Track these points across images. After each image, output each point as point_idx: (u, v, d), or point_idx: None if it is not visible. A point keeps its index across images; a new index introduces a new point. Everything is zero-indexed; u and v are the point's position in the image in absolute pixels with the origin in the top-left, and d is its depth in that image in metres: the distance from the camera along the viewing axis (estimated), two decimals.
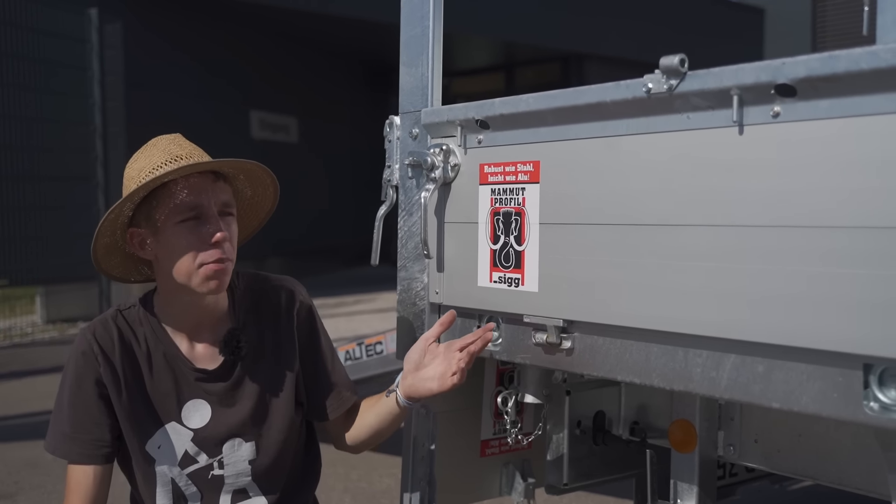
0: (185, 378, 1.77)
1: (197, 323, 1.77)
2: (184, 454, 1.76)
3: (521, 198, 1.57)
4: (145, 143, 1.78)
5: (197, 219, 1.67)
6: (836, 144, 1.15)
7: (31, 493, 3.91)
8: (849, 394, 1.14)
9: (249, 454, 1.78)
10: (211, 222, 1.67)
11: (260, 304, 1.84)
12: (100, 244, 1.75)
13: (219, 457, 1.77)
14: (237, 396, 1.79)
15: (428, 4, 1.76)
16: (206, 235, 1.66)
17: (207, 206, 1.68)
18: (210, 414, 1.77)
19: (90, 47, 8.58)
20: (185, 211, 1.66)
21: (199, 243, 1.66)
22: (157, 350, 1.77)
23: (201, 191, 1.68)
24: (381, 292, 9.46)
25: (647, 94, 1.33)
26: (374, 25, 10.25)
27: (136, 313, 1.79)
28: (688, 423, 1.64)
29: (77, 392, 1.74)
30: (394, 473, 3.84)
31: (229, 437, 1.77)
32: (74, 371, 1.75)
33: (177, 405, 1.76)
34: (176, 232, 1.66)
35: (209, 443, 1.77)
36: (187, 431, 1.76)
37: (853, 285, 1.12)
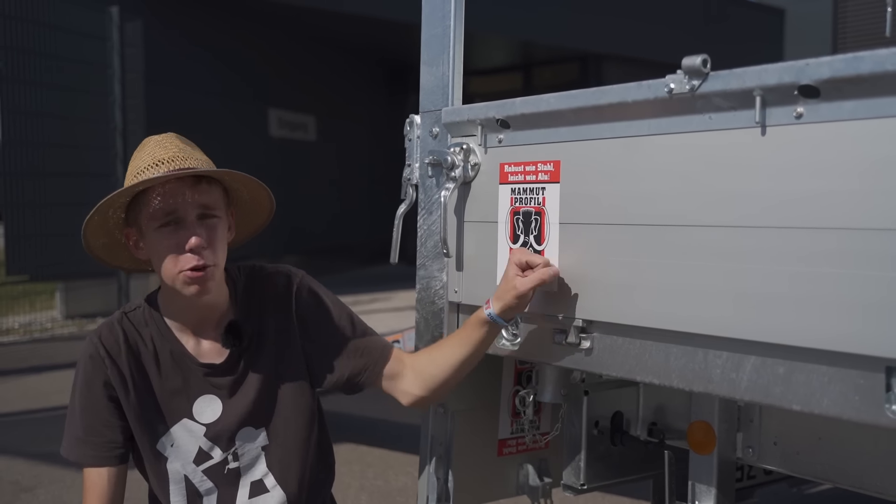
0: (193, 374, 1.78)
1: (200, 319, 1.79)
2: (198, 451, 1.77)
3: (540, 197, 1.57)
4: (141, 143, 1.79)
5: (176, 223, 1.67)
6: (860, 146, 1.14)
7: (50, 486, 3.94)
8: (870, 397, 1.13)
9: (262, 440, 1.80)
10: (187, 228, 1.66)
11: (259, 294, 1.85)
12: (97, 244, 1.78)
13: (232, 449, 1.79)
14: (244, 386, 1.81)
15: (449, 4, 1.77)
16: (183, 240, 1.65)
17: (184, 211, 1.67)
18: (221, 408, 1.79)
19: (111, 45, 8.63)
20: (161, 217, 1.66)
21: (176, 249, 1.66)
22: (164, 349, 1.78)
23: (177, 196, 1.67)
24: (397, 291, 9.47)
25: (668, 94, 1.32)
26: (394, 24, 10.27)
27: (141, 314, 1.81)
28: (707, 424, 1.64)
29: (87, 396, 1.76)
30: (410, 472, 3.85)
31: (241, 427, 1.80)
32: (83, 376, 1.77)
33: (187, 402, 1.78)
34: (156, 237, 1.67)
35: (222, 436, 1.78)
36: (200, 427, 1.78)
37: (876, 287, 1.11)
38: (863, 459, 1.48)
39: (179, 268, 1.66)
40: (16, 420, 5.12)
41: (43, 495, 3.86)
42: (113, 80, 8.65)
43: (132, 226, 1.73)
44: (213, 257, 1.68)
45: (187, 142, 1.78)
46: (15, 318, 8.69)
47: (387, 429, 2.02)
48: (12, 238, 8.27)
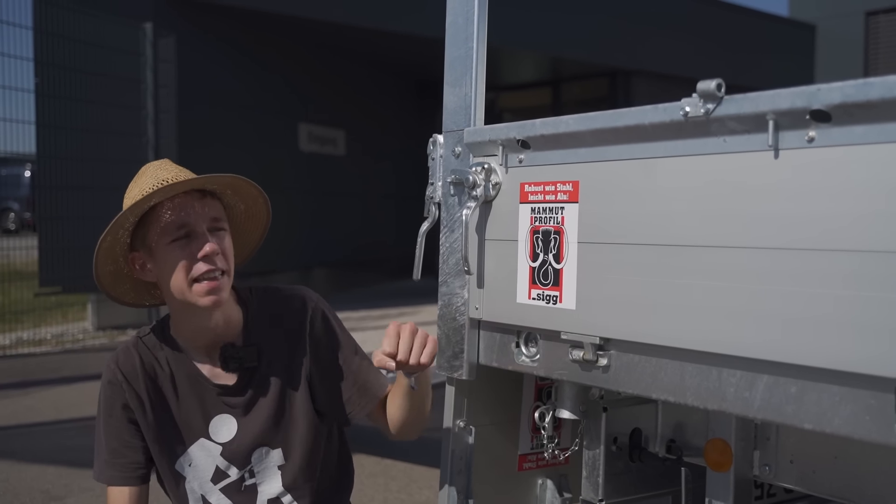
0: (208, 394, 1.83)
1: (212, 340, 1.83)
2: (215, 470, 1.82)
3: (560, 217, 1.59)
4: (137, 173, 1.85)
5: (187, 237, 1.73)
6: (870, 169, 1.16)
7: (80, 495, 4.01)
8: (880, 416, 1.15)
9: (278, 460, 1.84)
10: (199, 238, 1.73)
11: (273, 316, 1.90)
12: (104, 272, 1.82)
13: (248, 467, 1.83)
14: (258, 406, 1.85)
15: (472, 26, 1.80)
16: (195, 251, 1.72)
17: (195, 223, 1.73)
18: (236, 427, 1.83)
19: (144, 60, 8.78)
20: (173, 231, 1.73)
21: (190, 260, 1.72)
22: (180, 371, 1.84)
23: (187, 209, 1.73)
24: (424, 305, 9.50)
25: (684, 117, 1.35)
26: (423, 40, 10.34)
27: (154, 338, 1.86)
28: (724, 442, 1.65)
29: (109, 420, 1.83)
30: (432, 486, 3.87)
31: (256, 447, 1.84)
32: (104, 400, 1.83)
33: (203, 422, 1.83)
34: (168, 251, 1.73)
35: (238, 455, 1.83)
36: (216, 446, 1.83)
37: (886, 309, 1.13)
38: (878, 478, 1.48)
39: (193, 277, 1.72)
40: (47, 430, 5.21)
41: None
42: (146, 94, 8.80)
43: (139, 249, 1.78)
44: (225, 264, 1.75)
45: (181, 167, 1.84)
46: (48, 329, 8.82)
47: (411, 443, 2.05)
48: (46, 250, 8.41)
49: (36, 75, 8.22)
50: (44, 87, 8.25)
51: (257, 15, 10.04)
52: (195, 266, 1.72)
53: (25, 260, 8.60)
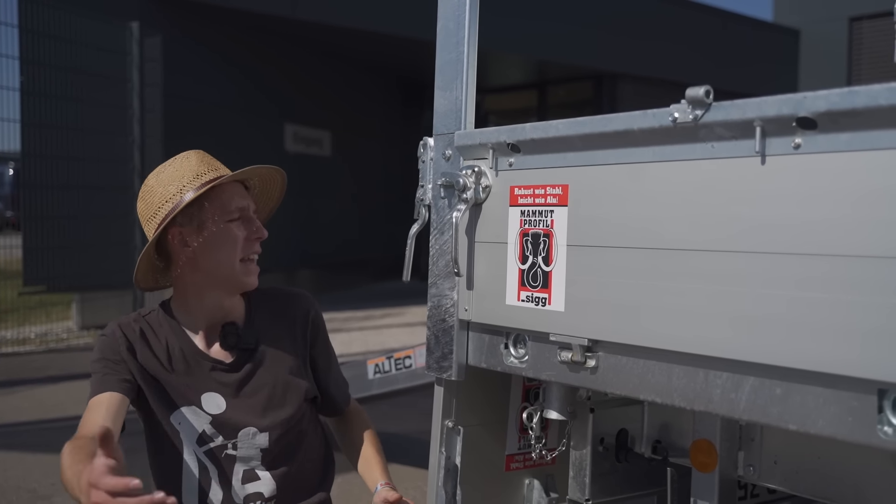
0: (201, 372, 1.93)
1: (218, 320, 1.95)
2: (201, 433, 1.91)
3: (549, 220, 1.61)
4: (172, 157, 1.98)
5: (240, 219, 1.91)
6: (855, 176, 1.18)
7: (66, 494, 3.99)
8: (863, 418, 1.17)
9: (262, 442, 1.93)
10: (254, 223, 1.93)
11: (276, 308, 2.04)
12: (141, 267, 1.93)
13: (234, 441, 1.92)
14: (249, 388, 1.96)
15: (463, 30, 1.82)
16: (251, 234, 1.91)
17: (250, 209, 1.93)
18: (225, 406, 1.93)
19: (130, 60, 8.75)
20: (234, 211, 1.90)
21: (245, 239, 1.90)
22: (176, 346, 1.93)
23: (243, 196, 1.93)
24: (409, 306, 9.50)
25: (672, 123, 1.37)
26: (409, 41, 10.36)
27: (156, 316, 1.97)
28: (709, 442, 1.67)
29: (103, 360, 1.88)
30: (419, 486, 3.88)
31: (243, 427, 1.92)
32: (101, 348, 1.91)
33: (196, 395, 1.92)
34: (225, 229, 1.88)
35: (226, 427, 1.92)
36: (206, 416, 1.91)
37: (869, 313, 1.15)
38: (860, 479, 1.51)
39: (243, 255, 1.90)
40: (32, 429, 5.19)
41: (59, 503, 3.92)
42: (132, 94, 8.77)
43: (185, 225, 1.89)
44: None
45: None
46: (31, 329, 8.78)
47: (398, 442, 2.07)
48: (30, 249, 8.37)
49: (21, 73, 8.18)
50: (29, 86, 8.21)
51: (244, 15, 10.02)
52: (247, 245, 1.91)
53: (8, 259, 8.55)
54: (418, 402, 2.10)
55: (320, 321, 2.09)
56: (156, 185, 1.93)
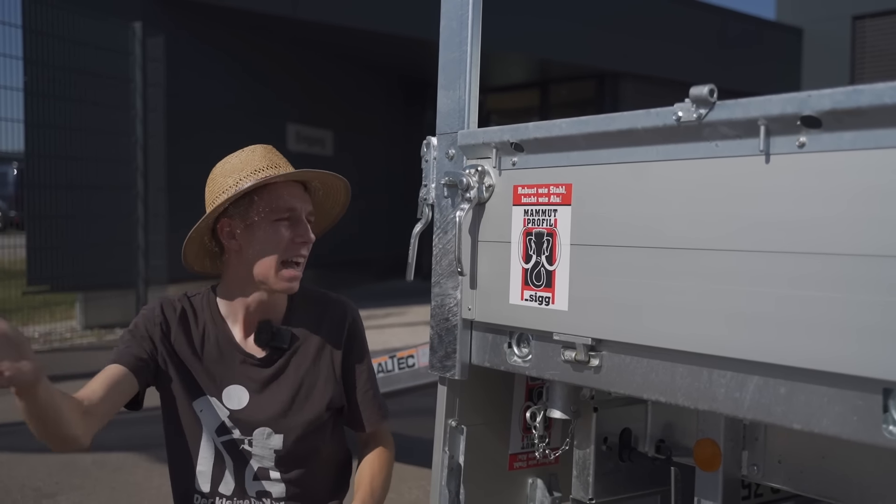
0: (231, 363, 1.93)
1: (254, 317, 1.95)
2: (221, 424, 1.92)
3: (553, 219, 1.61)
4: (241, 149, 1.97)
5: (289, 220, 1.88)
6: (859, 175, 1.18)
7: (71, 493, 4.01)
8: (868, 417, 1.17)
9: (277, 444, 1.91)
10: (303, 226, 1.90)
11: (316, 312, 2.02)
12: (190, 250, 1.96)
13: (249, 438, 1.93)
14: (274, 388, 1.94)
15: (466, 30, 1.82)
16: (296, 236, 1.88)
17: (301, 211, 1.90)
18: (247, 401, 1.93)
19: (133, 60, 8.76)
20: (283, 211, 1.88)
21: (288, 242, 1.87)
22: (212, 334, 1.94)
23: (298, 197, 1.90)
24: (411, 306, 9.51)
25: (676, 122, 1.37)
26: (411, 41, 10.36)
27: (201, 300, 1.98)
28: (712, 442, 1.67)
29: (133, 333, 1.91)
30: (423, 485, 3.88)
31: (261, 426, 1.92)
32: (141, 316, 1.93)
33: (219, 386, 1.93)
34: (270, 229, 1.87)
35: (243, 424, 1.92)
36: (225, 410, 1.92)
37: (874, 312, 1.15)
38: (864, 478, 1.51)
39: (284, 258, 1.88)
40: None
41: (64, 502, 3.93)
42: (135, 94, 8.78)
43: (235, 217, 1.89)
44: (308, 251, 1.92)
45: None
46: (35, 328, 8.79)
47: (400, 442, 2.07)
48: (33, 249, 8.38)
49: (25, 74, 8.19)
50: (32, 86, 8.21)
51: (246, 15, 10.02)
52: (291, 248, 1.88)
53: (12, 258, 8.56)
54: (421, 401, 2.10)
55: (358, 331, 2.07)
56: (219, 174, 1.94)
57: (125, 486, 4.14)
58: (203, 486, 1.93)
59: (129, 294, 8.84)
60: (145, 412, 2.00)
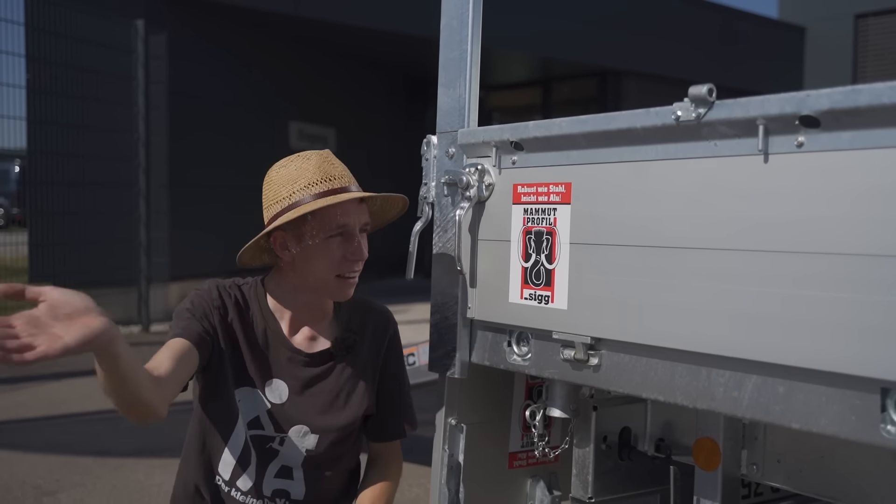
0: (278, 357, 1.94)
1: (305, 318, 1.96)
2: (256, 417, 1.91)
3: (552, 218, 1.62)
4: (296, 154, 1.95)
5: (342, 235, 1.87)
6: (857, 175, 1.18)
7: (72, 490, 4.01)
8: (866, 417, 1.17)
9: (310, 444, 1.92)
10: (356, 242, 1.89)
11: (362, 318, 2.04)
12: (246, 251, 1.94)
13: (283, 435, 1.92)
14: (317, 388, 1.95)
15: (466, 29, 1.82)
16: (349, 253, 1.87)
17: (353, 226, 1.88)
18: (287, 397, 1.93)
19: (136, 57, 8.76)
20: (335, 228, 1.86)
21: (341, 258, 1.87)
22: (260, 326, 1.94)
23: (351, 213, 1.88)
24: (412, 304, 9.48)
25: (675, 121, 1.37)
26: (413, 39, 10.35)
27: (250, 290, 1.97)
28: (712, 441, 1.67)
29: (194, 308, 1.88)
30: (423, 483, 3.89)
31: (298, 423, 1.92)
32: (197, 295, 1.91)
33: (263, 378, 1.92)
34: (323, 246, 1.86)
35: (280, 420, 1.92)
36: (266, 402, 1.92)
37: (872, 311, 1.15)
38: (863, 478, 1.51)
39: (338, 272, 1.87)
40: (37, 425, 5.21)
41: (65, 499, 3.94)
42: (137, 91, 8.78)
43: (289, 230, 1.88)
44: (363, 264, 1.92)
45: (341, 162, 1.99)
46: None
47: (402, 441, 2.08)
48: (35, 246, 8.39)
49: (27, 71, 8.20)
50: (35, 83, 8.22)
51: (249, 12, 10.02)
52: (344, 265, 1.87)
53: (14, 255, 8.56)
54: (421, 399, 2.11)
55: (398, 341, 2.09)
56: (276, 179, 1.92)
57: (126, 484, 4.14)
58: (224, 473, 1.93)
59: (130, 291, 8.86)
60: None
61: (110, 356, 1.43)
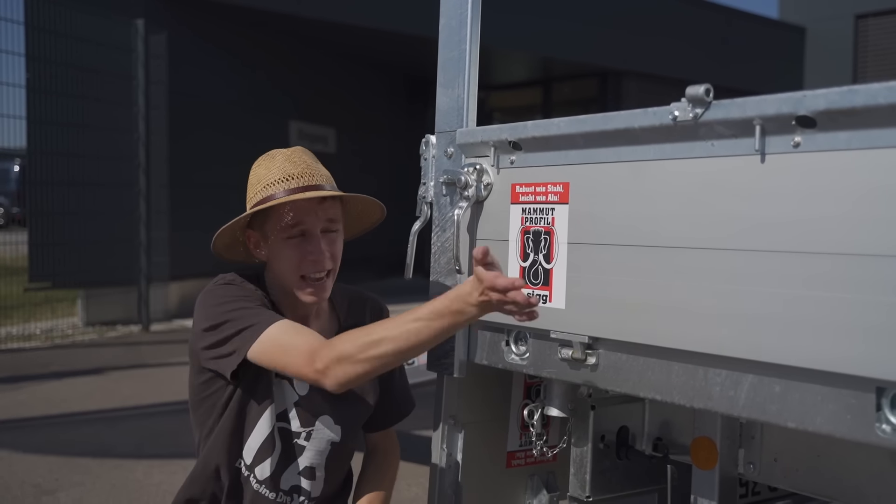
0: None
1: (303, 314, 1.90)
2: (283, 410, 1.89)
3: (550, 217, 1.62)
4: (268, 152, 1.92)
5: (302, 235, 1.82)
6: (853, 175, 1.19)
7: (71, 490, 4.01)
8: (861, 416, 1.18)
9: (335, 436, 1.92)
10: (313, 240, 1.81)
11: (361, 307, 2.02)
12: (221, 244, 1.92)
13: (309, 429, 1.90)
14: None
15: (465, 29, 1.83)
16: (307, 253, 1.81)
17: (311, 225, 1.82)
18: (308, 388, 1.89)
19: (136, 57, 8.76)
20: (289, 228, 1.81)
21: (301, 258, 1.81)
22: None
23: (307, 211, 1.81)
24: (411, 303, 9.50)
25: (673, 121, 1.38)
26: (413, 39, 10.34)
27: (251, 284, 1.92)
28: (709, 440, 1.68)
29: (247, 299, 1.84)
30: (422, 483, 3.89)
31: (325, 413, 1.90)
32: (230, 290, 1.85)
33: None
34: (282, 246, 1.82)
35: (307, 413, 1.89)
36: (294, 394, 1.89)
37: (867, 311, 1.16)
38: (860, 476, 1.52)
39: (301, 273, 1.82)
40: (37, 424, 5.21)
41: (64, 498, 3.94)
42: (137, 91, 8.78)
43: (256, 230, 1.87)
44: (331, 264, 1.84)
45: (312, 155, 1.92)
46: (37, 325, 8.80)
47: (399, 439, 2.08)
48: (35, 245, 8.38)
49: (27, 70, 8.19)
50: (35, 83, 8.21)
51: (249, 12, 10.02)
52: (304, 265, 1.81)
53: (14, 255, 8.57)
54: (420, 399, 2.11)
55: None
56: (252, 178, 1.90)
57: (125, 483, 4.14)
58: (248, 458, 1.90)
59: (130, 291, 8.85)
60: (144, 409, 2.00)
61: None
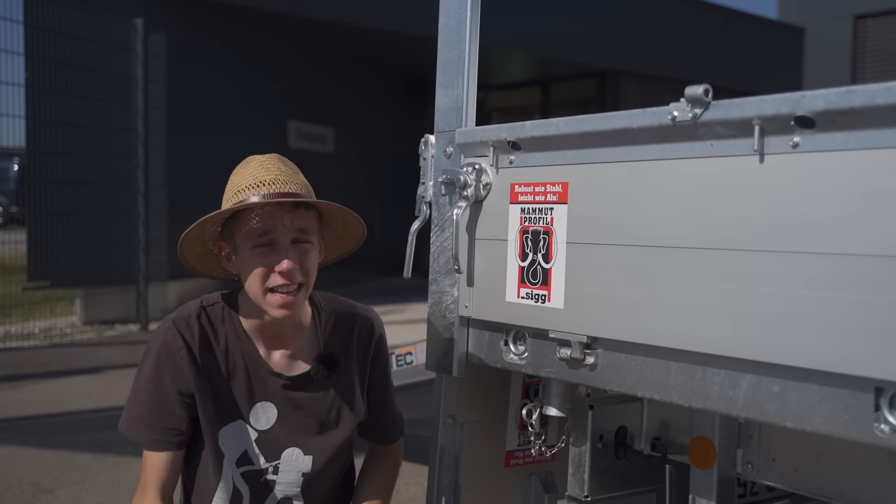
0: (259, 380, 1.83)
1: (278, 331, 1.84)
2: (243, 454, 1.83)
3: (549, 217, 1.62)
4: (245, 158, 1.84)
5: (270, 245, 1.72)
6: (852, 175, 1.19)
7: (70, 488, 4.02)
8: (860, 416, 1.18)
9: (305, 466, 1.85)
10: (280, 250, 1.72)
11: (347, 329, 1.94)
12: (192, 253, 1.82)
13: (276, 462, 1.84)
14: (306, 408, 1.86)
15: (464, 29, 1.83)
16: (274, 262, 1.71)
17: (279, 234, 1.72)
18: (276, 418, 1.83)
19: (135, 56, 8.76)
20: (256, 237, 1.72)
21: (267, 269, 1.72)
22: (237, 349, 1.82)
23: (275, 219, 1.72)
24: (410, 303, 9.51)
25: (672, 121, 1.38)
26: (412, 38, 10.35)
27: (219, 311, 1.84)
28: (707, 440, 1.68)
29: (156, 382, 1.78)
30: (420, 482, 3.89)
31: (290, 446, 1.85)
32: (155, 362, 1.78)
33: (248, 405, 1.82)
34: (249, 255, 1.73)
35: (271, 447, 1.83)
36: (253, 432, 1.83)
37: (866, 311, 1.16)
38: (858, 476, 1.52)
39: (268, 287, 1.72)
40: (36, 423, 5.21)
41: (63, 497, 3.94)
42: (136, 90, 8.78)
43: (226, 240, 1.79)
44: (302, 277, 1.74)
45: (289, 164, 1.83)
46: (35, 324, 8.80)
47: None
48: (34, 244, 8.39)
49: (26, 70, 8.20)
50: (34, 82, 8.22)
51: (248, 11, 10.02)
52: (271, 277, 1.72)
53: (13, 254, 8.57)
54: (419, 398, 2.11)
55: (383, 345, 2.01)
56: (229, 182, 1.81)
57: (124, 482, 4.14)
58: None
59: (129, 290, 8.86)
60: None
61: None
